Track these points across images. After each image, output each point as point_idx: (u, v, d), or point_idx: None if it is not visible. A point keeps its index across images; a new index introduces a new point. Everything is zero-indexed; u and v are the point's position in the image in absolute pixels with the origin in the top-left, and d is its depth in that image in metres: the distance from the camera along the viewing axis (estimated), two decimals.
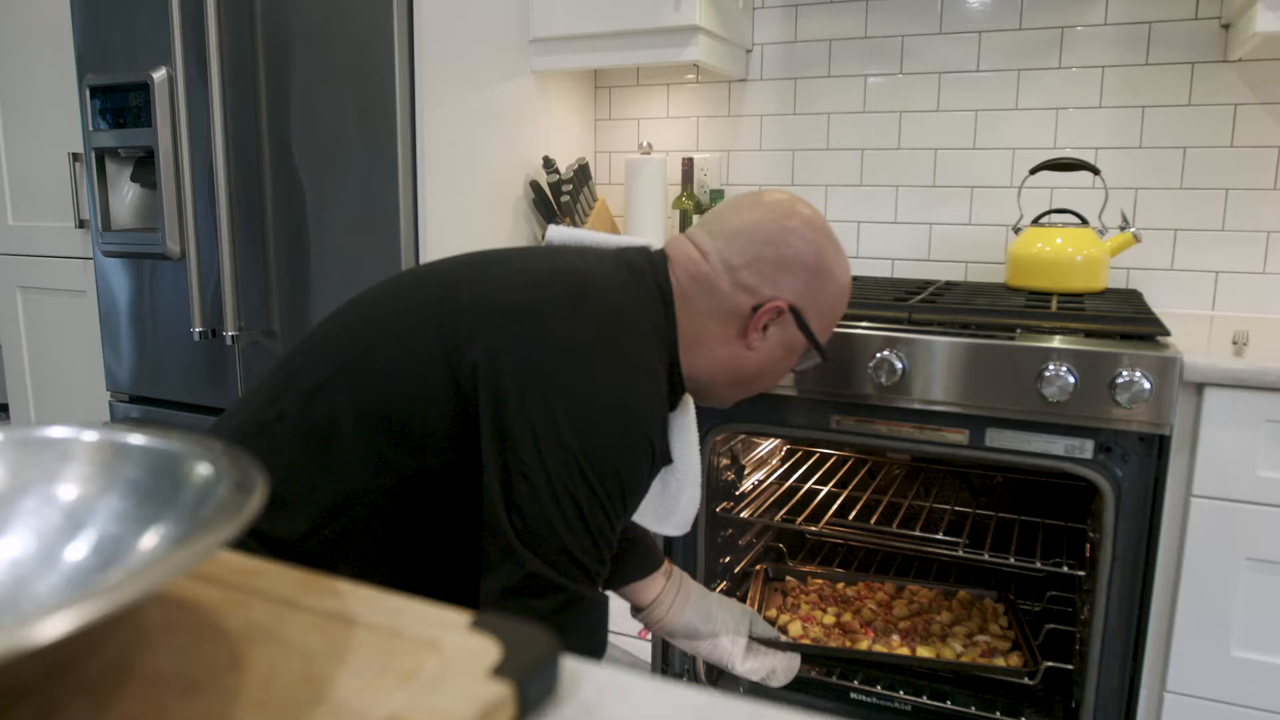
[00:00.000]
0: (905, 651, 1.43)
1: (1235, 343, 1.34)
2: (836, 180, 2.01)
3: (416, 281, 0.94)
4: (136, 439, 0.38)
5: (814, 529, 1.61)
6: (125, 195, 2.00)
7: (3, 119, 2.19)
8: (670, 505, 1.05)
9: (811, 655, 1.46)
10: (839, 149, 1.99)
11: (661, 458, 0.90)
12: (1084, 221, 1.67)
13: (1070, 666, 1.43)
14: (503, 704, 0.34)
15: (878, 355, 1.33)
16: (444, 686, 0.34)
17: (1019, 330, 1.33)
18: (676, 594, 1.19)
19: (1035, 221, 1.70)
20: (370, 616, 0.40)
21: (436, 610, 0.41)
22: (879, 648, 1.45)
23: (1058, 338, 1.29)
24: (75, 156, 2.07)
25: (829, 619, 1.54)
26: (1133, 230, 1.62)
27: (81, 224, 2.10)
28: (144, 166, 1.98)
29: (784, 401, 1.42)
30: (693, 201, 2.02)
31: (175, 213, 1.89)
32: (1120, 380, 1.20)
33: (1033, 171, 1.68)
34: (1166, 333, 1.28)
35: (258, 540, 0.86)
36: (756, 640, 1.26)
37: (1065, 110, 1.81)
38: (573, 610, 0.83)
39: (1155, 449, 1.24)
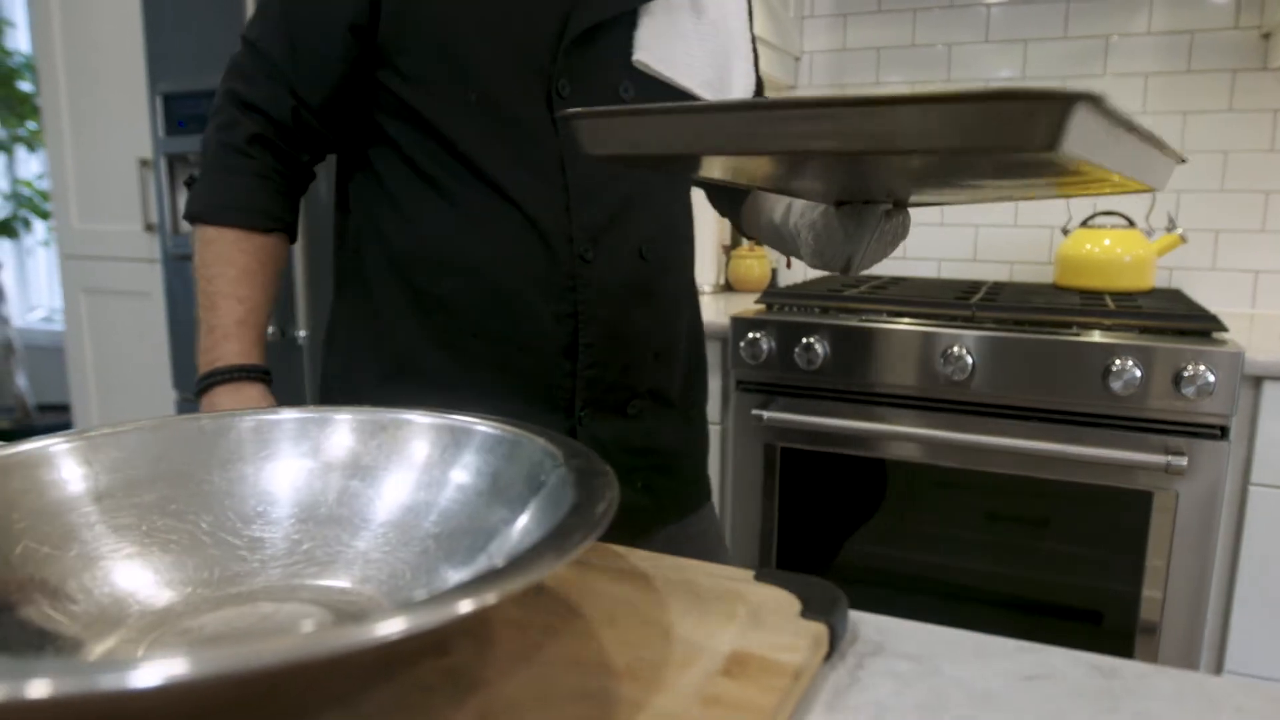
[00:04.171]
0: None
1: None
2: None
3: None
4: (478, 425, 0.45)
5: None
6: None
7: (71, 123, 2.25)
8: (720, 71, 0.86)
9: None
10: None
11: None
12: (1131, 223, 1.73)
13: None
14: (821, 640, 0.40)
15: (946, 351, 1.40)
16: (767, 626, 0.41)
17: (1075, 327, 1.40)
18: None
19: (1084, 223, 1.77)
20: (663, 573, 0.47)
21: (718, 566, 0.47)
22: None
23: (1098, 333, 1.36)
24: (144, 162, 2.13)
25: None
26: (1179, 231, 1.69)
27: (149, 227, 2.16)
28: None
29: (841, 396, 1.48)
30: None
31: None
32: (1186, 374, 1.26)
33: None
34: (1224, 329, 1.35)
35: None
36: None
37: None
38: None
39: (1216, 439, 1.31)
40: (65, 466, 0.45)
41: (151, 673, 0.24)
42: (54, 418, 3.09)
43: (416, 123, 0.76)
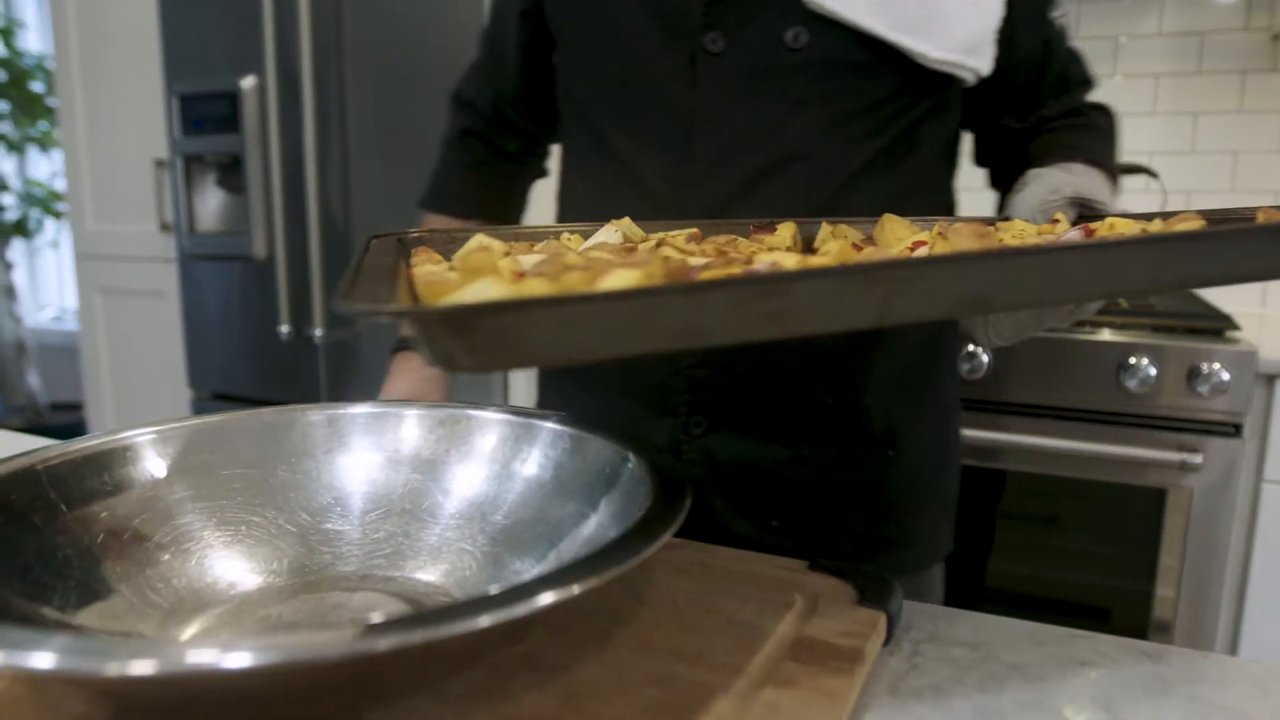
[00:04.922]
0: None
1: None
2: None
3: None
4: (542, 421, 0.46)
5: None
6: (210, 199, 2.08)
7: (86, 124, 2.26)
8: (925, 8, 0.66)
9: None
10: None
11: None
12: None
13: None
14: (879, 626, 0.42)
15: (963, 350, 1.41)
16: (827, 614, 0.42)
17: (1089, 326, 1.41)
18: None
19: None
20: (721, 563, 0.48)
21: (774, 556, 0.49)
22: None
23: (1109, 331, 1.37)
24: (159, 163, 2.15)
25: None
26: None
27: (164, 227, 2.17)
28: (229, 170, 2.05)
29: None
30: None
31: (263, 217, 1.96)
32: (1201, 372, 1.28)
33: None
34: (1237, 327, 1.36)
35: None
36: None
37: (1120, 116, 1.89)
38: None
39: (1229, 437, 1.32)
40: (141, 460, 0.47)
41: (250, 655, 0.26)
42: (66, 416, 3.10)
43: (572, 102, 0.76)
